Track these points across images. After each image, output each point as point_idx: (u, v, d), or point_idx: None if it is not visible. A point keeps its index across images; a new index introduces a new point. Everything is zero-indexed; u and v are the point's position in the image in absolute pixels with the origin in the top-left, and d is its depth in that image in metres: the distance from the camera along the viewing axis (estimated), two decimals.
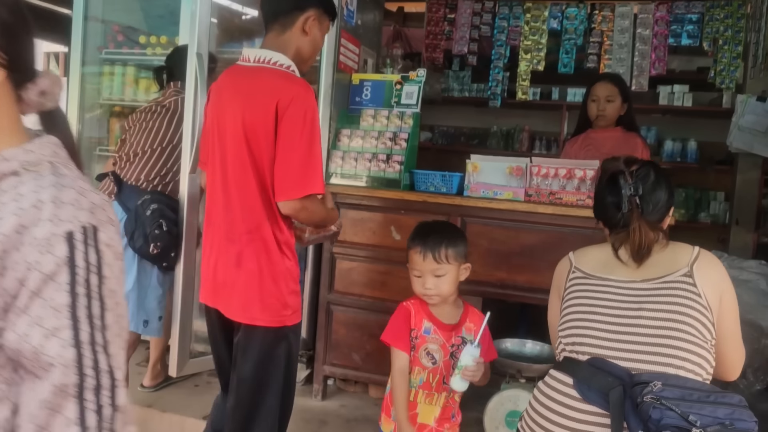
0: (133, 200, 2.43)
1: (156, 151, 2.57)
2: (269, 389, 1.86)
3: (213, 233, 1.92)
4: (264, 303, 1.82)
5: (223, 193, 1.87)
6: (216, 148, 1.89)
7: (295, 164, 1.77)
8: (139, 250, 2.39)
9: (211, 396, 2.79)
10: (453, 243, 1.84)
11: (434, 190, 2.73)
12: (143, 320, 2.40)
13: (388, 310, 2.67)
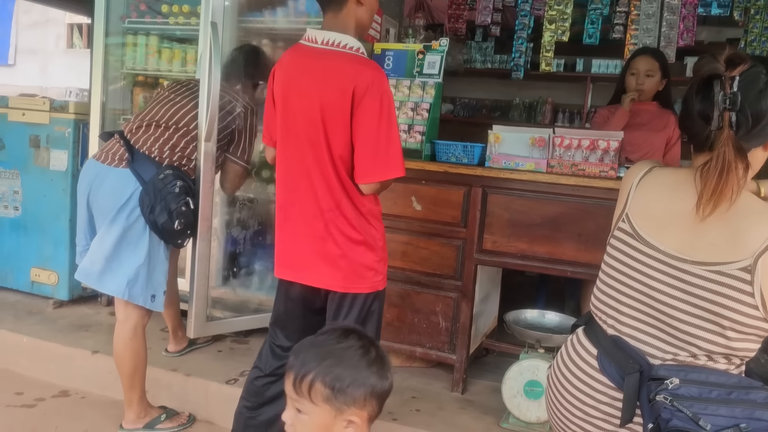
0: (147, 171, 2.37)
1: (181, 129, 2.49)
2: None
3: (291, 210, 1.98)
4: (357, 272, 1.93)
5: (299, 172, 1.94)
6: (288, 128, 1.96)
7: (376, 149, 1.86)
8: (163, 225, 2.35)
9: (234, 362, 2.87)
10: (336, 378, 1.19)
11: (455, 161, 2.72)
12: (151, 295, 2.40)
13: (408, 280, 2.71)
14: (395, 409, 2.51)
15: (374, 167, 1.87)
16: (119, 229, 2.32)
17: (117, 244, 2.33)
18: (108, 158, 2.41)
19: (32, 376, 2.89)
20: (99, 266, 2.33)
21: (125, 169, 2.37)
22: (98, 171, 2.40)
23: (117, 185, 2.35)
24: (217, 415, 2.64)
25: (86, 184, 2.41)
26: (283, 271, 2.04)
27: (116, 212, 2.32)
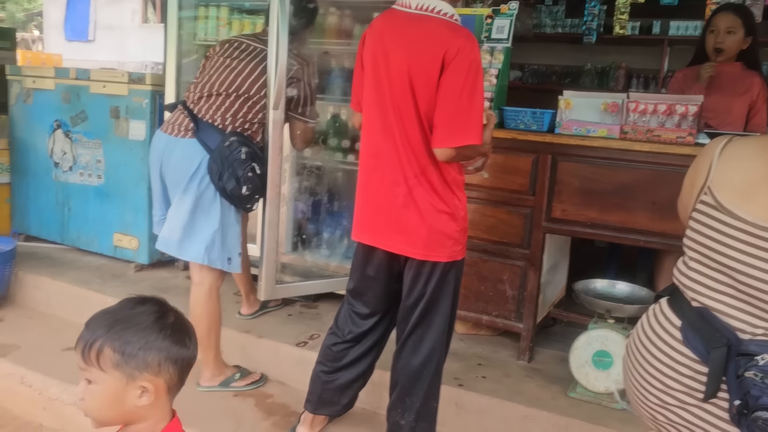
0: (213, 140, 2.43)
1: (242, 96, 2.51)
2: (439, 315, 2.04)
3: (374, 175, 2.02)
4: (436, 241, 1.95)
5: (385, 137, 1.97)
6: (376, 93, 1.98)
7: (454, 114, 1.85)
8: (231, 191, 2.42)
9: (303, 325, 2.96)
10: (123, 341, 1.12)
11: (524, 128, 2.67)
12: (227, 257, 2.49)
13: (475, 248, 2.70)
14: (461, 375, 2.53)
15: (451, 132, 1.86)
16: (192, 198, 2.41)
17: (192, 213, 2.42)
18: (174, 130, 2.48)
19: None
20: (177, 235, 2.43)
21: (192, 139, 2.44)
22: (167, 143, 2.48)
23: (185, 155, 2.43)
24: (288, 375, 2.74)
25: (157, 157, 2.50)
26: (362, 235, 2.07)
27: (187, 181, 2.40)
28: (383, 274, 2.10)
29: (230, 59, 2.57)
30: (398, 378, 2.10)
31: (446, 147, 1.88)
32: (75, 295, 3.29)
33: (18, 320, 3.25)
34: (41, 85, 3.84)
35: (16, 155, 4.01)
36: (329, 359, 2.22)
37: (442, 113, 1.86)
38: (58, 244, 3.94)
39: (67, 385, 2.61)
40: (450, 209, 1.96)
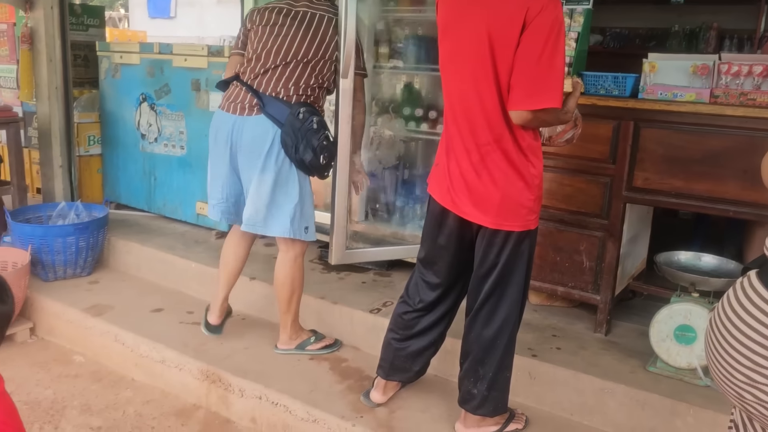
0: (281, 113, 2.41)
1: (300, 63, 2.46)
2: (513, 285, 2.02)
3: (451, 141, 2.00)
4: (510, 210, 1.92)
5: (461, 102, 1.94)
6: (452, 57, 1.95)
7: (534, 75, 1.78)
8: (310, 163, 2.43)
9: (376, 293, 3.00)
10: None
11: (605, 93, 2.57)
12: (304, 227, 2.54)
13: (551, 218, 2.65)
14: (535, 346, 2.51)
15: (528, 93, 1.79)
16: (272, 175, 2.43)
17: (273, 189, 2.45)
18: (238, 109, 2.46)
19: (200, 297, 3.22)
20: (262, 214, 2.47)
21: (260, 116, 2.42)
22: (234, 123, 2.46)
23: (257, 133, 2.42)
24: (361, 341, 2.79)
25: (224, 138, 2.48)
26: (442, 197, 2.05)
27: (264, 159, 2.42)
28: (454, 243, 2.08)
29: (278, 27, 2.48)
30: (470, 348, 2.10)
31: (523, 109, 1.81)
32: (162, 260, 3.47)
33: (111, 283, 3.46)
34: (128, 60, 4.01)
35: (107, 128, 4.23)
36: (400, 327, 2.24)
37: (520, 74, 1.79)
38: (145, 211, 4.15)
39: (156, 343, 2.77)
40: (525, 177, 1.91)
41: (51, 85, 3.82)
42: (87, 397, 2.66)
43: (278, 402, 2.39)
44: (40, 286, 3.31)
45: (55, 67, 3.82)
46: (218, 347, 2.75)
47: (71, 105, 4.01)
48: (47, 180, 3.97)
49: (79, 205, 3.64)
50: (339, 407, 2.33)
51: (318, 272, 3.27)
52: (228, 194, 2.55)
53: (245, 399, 2.48)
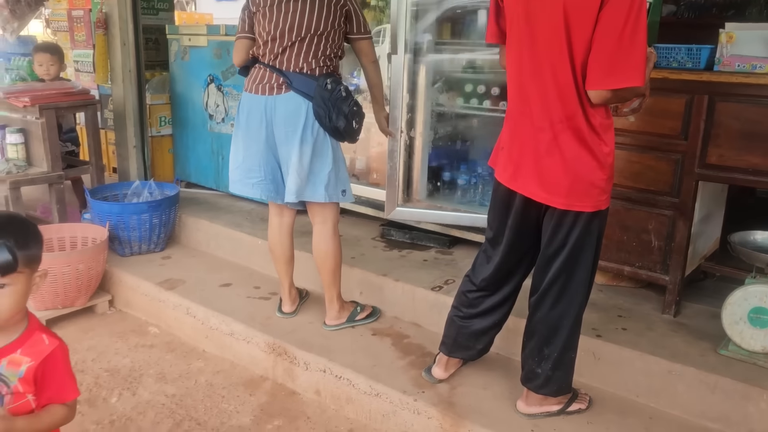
0: (308, 86, 2.48)
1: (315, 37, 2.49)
2: (581, 266, 2.00)
3: (520, 119, 1.96)
4: (581, 190, 1.88)
5: (532, 80, 1.89)
6: (523, 32, 1.89)
7: (615, 52, 1.72)
8: (345, 129, 2.50)
9: (438, 271, 3.01)
10: (24, 243, 1.27)
11: (677, 66, 2.46)
12: (342, 190, 2.62)
13: (618, 195, 2.58)
14: (599, 326, 2.47)
15: (609, 72, 1.74)
16: (310, 147, 2.51)
17: (311, 159, 2.53)
18: (266, 90, 2.53)
19: (266, 273, 3.32)
20: (302, 183, 2.55)
21: (288, 93, 2.50)
22: (266, 103, 2.53)
23: (290, 109, 2.50)
24: (423, 318, 2.82)
25: (258, 118, 2.55)
26: (509, 180, 2.03)
27: (302, 133, 2.49)
28: (521, 225, 2.06)
29: (284, 5, 2.50)
30: (536, 328, 2.09)
31: (603, 89, 1.76)
32: (229, 236, 3.58)
33: (183, 258, 3.61)
34: (196, 43, 4.13)
35: (177, 109, 4.38)
36: (464, 305, 2.25)
37: (600, 51, 1.73)
38: (213, 190, 4.29)
39: (225, 317, 2.88)
40: (597, 156, 1.86)
41: (125, 68, 3.97)
42: (162, 366, 2.80)
43: (342, 375, 2.45)
44: (117, 261, 3.49)
45: (128, 51, 3.97)
46: (283, 321, 2.84)
47: (144, 87, 4.17)
48: (122, 160, 4.16)
49: (152, 183, 3.80)
50: (401, 382, 2.37)
51: (380, 250, 3.31)
52: (266, 172, 2.62)
53: (310, 372, 2.55)
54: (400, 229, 3.43)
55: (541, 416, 2.16)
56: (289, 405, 2.53)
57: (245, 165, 2.64)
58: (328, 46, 2.54)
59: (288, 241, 2.78)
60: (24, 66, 4.95)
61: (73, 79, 4.61)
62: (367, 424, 2.39)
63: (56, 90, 3.59)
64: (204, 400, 2.54)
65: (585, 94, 1.81)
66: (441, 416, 2.20)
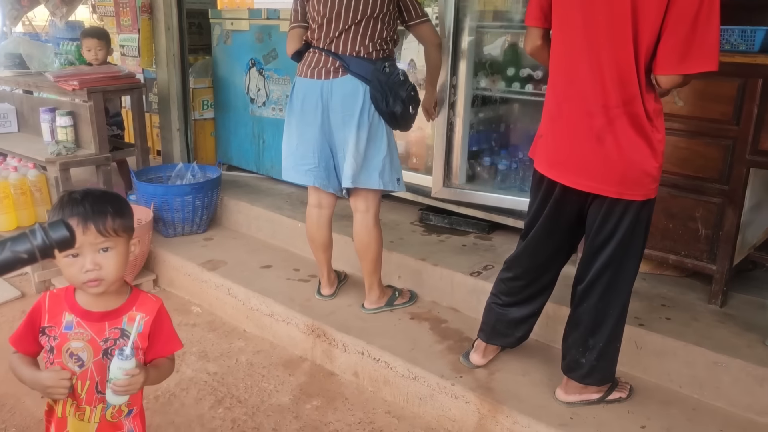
0: (365, 70, 2.46)
1: (371, 19, 2.47)
2: (630, 256, 1.97)
3: (567, 104, 1.90)
4: (634, 178, 1.84)
5: (585, 61, 1.83)
6: (578, 12, 1.82)
7: (691, 34, 1.67)
8: (401, 114, 2.48)
9: (477, 256, 3.00)
10: (120, 211, 1.35)
11: (730, 49, 2.38)
12: (396, 178, 2.61)
13: (664, 182, 2.50)
14: (642, 315, 2.43)
15: (684, 56, 1.68)
16: (366, 131, 2.49)
17: (367, 146, 2.52)
18: (322, 74, 2.51)
19: (305, 256, 3.35)
20: (357, 169, 2.54)
21: (345, 76, 2.47)
22: (321, 88, 2.51)
23: (347, 93, 2.48)
24: (461, 303, 2.82)
25: (314, 103, 2.53)
26: (548, 169, 1.98)
27: (358, 117, 2.47)
28: (562, 214, 2.02)
29: None
30: (581, 318, 2.06)
31: (676, 74, 1.70)
32: (270, 219, 3.63)
33: (224, 240, 3.68)
34: (238, 27, 4.16)
35: (219, 93, 4.44)
36: (503, 293, 2.24)
37: (674, 35, 1.67)
38: (254, 173, 4.34)
39: (265, 298, 2.92)
40: (652, 143, 1.80)
41: (169, 52, 4.04)
42: (204, 345, 2.87)
43: (380, 358, 2.47)
44: (161, 242, 3.57)
45: (172, 35, 4.03)
46: (323, 303, 2.87)
47: (187, 71, 4.23)
48: (166, 142, 4.24)
49: (194, 166, 3.86)
50: (439, 366, 2.38)
51: (419, 234, 3.31)
52: (319, 159, 2.60)
53: (348, 354, 2.58)
54: (438, 214, 3.42)
55: (581, 404, 2.14)
56: (327, 386, 2.57)
57: (299, 151, 2.63)
58: (384, 29, 2.50)
59: (326, 231, 2.79)
60: (72, 51, 5.08)
61: (119, 64, 4.70)
62: (405, 406, 2.41)
63: (103, 74, 3.67)
64: (245, 379, 2.60)
65: (645, 79, 1.75)
66: (479, 401, 2.20)
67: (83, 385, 1.35)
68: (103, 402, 1.36)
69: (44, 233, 0.70)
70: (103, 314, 1.36)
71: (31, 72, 4.26)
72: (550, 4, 1.91)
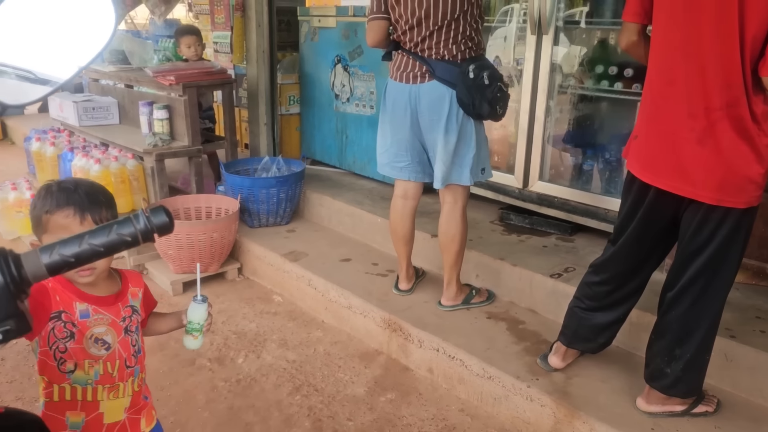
0: (451, 74, 2.46)
1: (458, 20, 2.44)
2: (726, 265, 1.88)
3: (665, 104, 1.84)
4: (735, 184, 1.76)
5: (688, 61, 1.76)
6: (676, 10, 1.77)
7: None
8: (489, 115, 2.48)
9: (558, 258, 2.94)
10: (109, 203, 1.36)
11: None
12: (481, 168, 2.61)
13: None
14: (734, 327, 2.30)
15: None
16: (455, 134, 2.50)
17: (456, 147, 2.53)
18: (410, 78, 2.53)
19: (384, 251, 3.40)
20: (447, 170, 2.56)
21: (432, 81, 2.48)
22: (410, 92, 2.53)
23: (434, 97, 2.49)
24: (539, 305, 2.77)
25: (403, 106, 2.56)
26: (641, 171, 1.91)
27: (446, 121, 2.49)
28: (655, 218, 1.95)
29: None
30: (669, 327, 1.97)
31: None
32: (351, 213, 3.70)
33: (306, 232, 3.78)
34: (325, 24, 4.25)
35: (305, 88, 4.55)
36: (587, 297, 2.18)
37: None
38: (336, 168, 4.43)
39: (343, 290, 2.98)
40: (757, 148, 1.70)
41: (259, 48, 4.18)
42: (284, 333, 2.96)
43: (455, 356, 2.47)
44: (246, 232, 3.71)
45: (262, 32, 4.17)
46: (399, 299, 2.90)
47: (275, 67, 4.36)
48: (254, 136, 4.39)
49: (280, 159, 3.98)
50: (514, 367, 2.35)
51: (498, 233, 3.27)
52: (413, 156, 2.65)
53: (423, 350, 2.60)
54: (519, 214, 3.38)
55: (663, 416, 2.06)
56: (401, 380, 2.59)
57: (392, 149, 2.69)
58: (467, 25, 2.49)
59: (410, 223, 2.82)
60: (170, 47, 5.35)
61: (212, 60, 4.91)
62: (478, 405, 2.40)
63: (198, 69, 3.84)
64: (322, 368, 2.66)
65: (751, 80, 1.66)
66: (555, 405, 2.16)
67: (113, 366, 1.39)
68: (132, 375, 1.43)
69: (146, 218, 0.75)
70: (114, 297, 1.41)
71: (132, 67, 4.52)
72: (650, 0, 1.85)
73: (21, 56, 0.74)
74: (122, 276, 1.47)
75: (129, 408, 1.43)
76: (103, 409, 1.38)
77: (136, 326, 1.44)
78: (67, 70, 0.77)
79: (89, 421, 1.37)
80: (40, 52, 0.75)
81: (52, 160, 4.27)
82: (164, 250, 3.33)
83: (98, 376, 1.36)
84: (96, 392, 1.37)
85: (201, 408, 2.41)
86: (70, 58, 0.77)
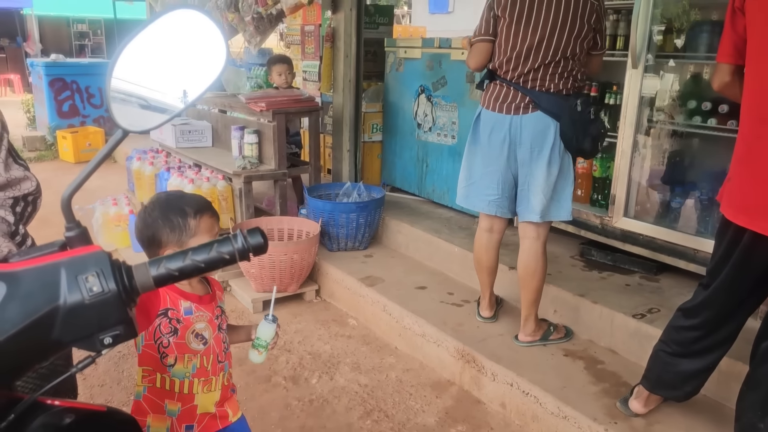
0: (557, 107, 2.43)
1: (571, 58, 2.45)
2: None
3: (758, 144, 1.77)
4: None
5: None
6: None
7: None
8: (591, 151, 2.49)
9: (641, 297, 2.84)
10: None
11: None
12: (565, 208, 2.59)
13: None
14: None
15: None
16: (557, 166, 2.49)
17: (557, 180, 2.51)
18: (512, 109, 2.50)
19: (460, 280, 3.39)
20: (547, 203, 2.53)
21: (536, 112, 2.46)
22: (510, 123, 2.50)
23: (538, 129, 2.46)
24: (620, 345, 2.67)
25: (501, 138, 2.53)
26: (735, 214, 1.83)
27: (549, 154, 2.46)
28: (753, 259, 1.85)
29: (534, 18, 2.42)
30: (763, 379, 1.85)
31: None
32: (428, 241, 3.71)
33: (383, 258, 3.82)
34: (410, 55, 4.34)
35: (388, 117, 4.64)
36: (674, 341, 2.08)
37: None
38: (415, 195, 4.47)
39: (418, 318, 2.99)
40: None
41: (345, 78, 4.31)
42: (357, 357, 3.00)
43: (529, 392, 2.42)
44: (325, 255, 3.80)
45: (350, 62, 4.30)
46: (474, 330, 2.87)
47: (360, 96, 4.48)
48: (337, 162, 4.51)
49: (361, 186, 4.07)
50: (592, 409, 2.27)
51: (579, 269, 3.20)
52: (503, 190, 2.61)
53: (497, 383, 2.56)
54: (601, 250, 3.29)
55: None
56: (473, 413, 2.56)
57: (482, 182, 2.65)
58: (577, 63, 2.48)
59: (494, 255, 2.80)
60: (261, 75, 5.61)
61: (301, 88, 5.11)
62: None
63: (288, 97, 4.01)
64: (393, 395, 2.67)
65: None
66: None
67: (208, 360, 1.51)
68: (223, 370, 1.55)
69: (244, 239, 0.81)
70: (210, 297, 1.54)
71: (227, 94, 4.76)
72: (744, 40, 1.80)
73: (142, 86, 0.82)
74: (209, 280, 1.60)
75: (218, 402, 1.55)
76: (197, 401, 1.51)
77: (225, 325, 1.58)
78: (182, 99, 0.84)
79: (184, 411, 1.50)
80: (160, 83, 0.83)
81: (150, 178, 4.54)
82: (247, 268, 3.46)
83: (195, 370, 1.49)
84: (192, 385, 1.50)
85: (275, 425, 2.46)
86: (186, 88, 0.84)
